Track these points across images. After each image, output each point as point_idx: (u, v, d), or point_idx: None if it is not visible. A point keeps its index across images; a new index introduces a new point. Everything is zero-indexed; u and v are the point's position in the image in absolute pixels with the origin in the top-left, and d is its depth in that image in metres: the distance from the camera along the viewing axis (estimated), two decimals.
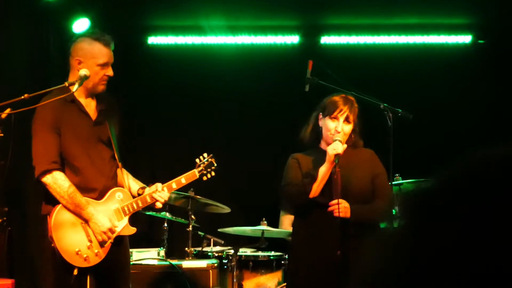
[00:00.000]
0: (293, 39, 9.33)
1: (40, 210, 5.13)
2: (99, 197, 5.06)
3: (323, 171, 5.04)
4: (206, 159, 5.39)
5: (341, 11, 9.11)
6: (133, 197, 5.20)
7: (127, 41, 8.64)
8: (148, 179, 5.54)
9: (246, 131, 9.10)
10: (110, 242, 5.02)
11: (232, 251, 6.92)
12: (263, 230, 6.91)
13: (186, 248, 6.97)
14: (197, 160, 5.39)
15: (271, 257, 7.07)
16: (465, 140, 8.79)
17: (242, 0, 8.59)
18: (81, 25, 8.25)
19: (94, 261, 4.99)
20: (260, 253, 7.15)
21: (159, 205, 5.20)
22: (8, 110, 4.68)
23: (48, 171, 4.92)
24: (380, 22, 9.28)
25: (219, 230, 7.18)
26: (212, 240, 7.31)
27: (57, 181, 4.89)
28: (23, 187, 7.16)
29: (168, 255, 7.10)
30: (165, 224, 7.35)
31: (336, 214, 4.93)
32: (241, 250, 7.10)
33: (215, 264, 6.67)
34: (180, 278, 6.48)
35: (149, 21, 9.32)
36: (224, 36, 9.26)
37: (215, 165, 5.42)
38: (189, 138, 9.12)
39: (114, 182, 5.18)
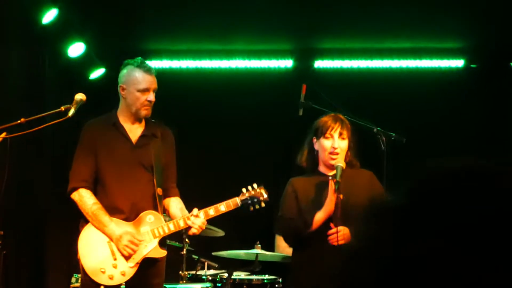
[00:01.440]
0: (286, 63, 9.38)
1: (36, 232, 5.20)
2: (129, 218, 5.10)
3: (321, 217, 5.01)
4: (254, 189, 5.28)
5: (335, 35, 9.16)
6: None
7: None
8: None
9: (240, 154, 9.12)
10: (137, 263, 5.03)
11: (226, 275, 6.92)
12: (257, 253, 6.91)
13: (180, 272, 6.96)
14: (244, 189, 5.28)
15: (265, 281, 7.07)
16: None
17: (236, 24, 8.63)
18: (76, 49, 8.29)
19: (119, 280, 5.01)
20: (254, 277, 7.14)
21: (193, 231, 5.14)
22: (4, 134, 4.71)
23: (75, 189, 5.10)
24: (373, 46, 9.34)
25: (213, 253, 7.18)
26: (206, 263, 7.31)
27: (83, 199, 5.05)
28: (19, 211, 7.18)
29: None
30: None
31: (334, 243, 4.89)
32: (235, 273, 7.10)
33: None
34: None
35: (144, 45, 9.35)
36: (219, 60, 9.31)
37: (265, 196, 5.29)
38: (182, 162, 9.12)
39: (148, 206, 5.17)
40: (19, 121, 4.77)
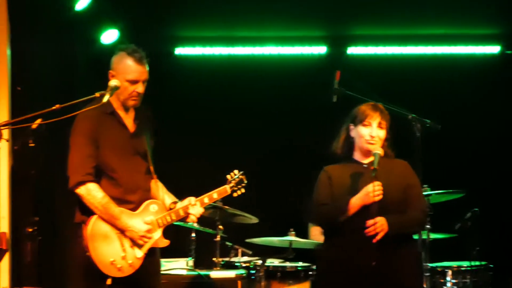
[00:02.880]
0: (320, 49, 9.35)
1: (71, 218, 5.14)
2: (135, 208, 5.08)
3: (356, 203, 4.97)
4: (237, 176, 5.33)
5: (368, 22, 9.10)
6: None
7: (155, 51, 8.66)
8: (172, 191, 5.49)
9: (273, 141, 9.10)
10: (145, 253, 5.04)
11: (260, 262, 6.91)
12: (290, 240, 6.90)
13: (214, 258, 6.97)
14: (228, 176, 5.31)
15: (299, 268, 7.05)
16: (493, 151, 8.76)
17: (269, 11, 8.60)
18: (109, 36, 8.31)
19: (128, 271, 5.01)
20: (287, 264, 7.13)
21: (192, 218, 5.17)
22: (39, 121, 4.70)
23: (82, 183, 4.94)
24: (407, 33, 9.27)
25: (246, 240, 7.19)
26: (240, 250, 7.31)
27: (91, 192, 4.92)
28: (53, 197, 7.20)
29: (196, 265, 7.10)
30: (193, 234, 7.37)
31: (374, 240, 4.83)
32: (268, 260, 7.09)
33: (243, 275, 6.68)
34: None
35: (176, 31, 9.36)
36: (251, 47, 9.29)
37: (245, 182, 5.35)
38: (217, 148, 9.13)
39: (149, 195, 5.18)
40: (54, 107, 4.75)
